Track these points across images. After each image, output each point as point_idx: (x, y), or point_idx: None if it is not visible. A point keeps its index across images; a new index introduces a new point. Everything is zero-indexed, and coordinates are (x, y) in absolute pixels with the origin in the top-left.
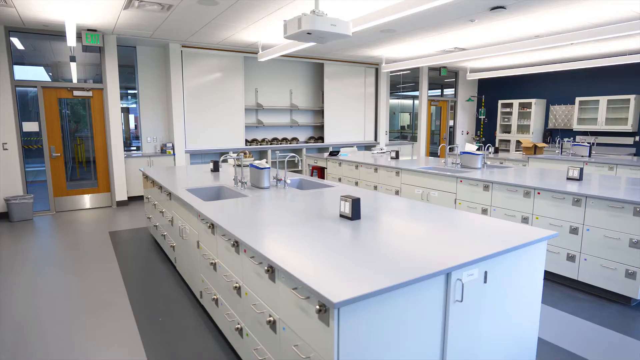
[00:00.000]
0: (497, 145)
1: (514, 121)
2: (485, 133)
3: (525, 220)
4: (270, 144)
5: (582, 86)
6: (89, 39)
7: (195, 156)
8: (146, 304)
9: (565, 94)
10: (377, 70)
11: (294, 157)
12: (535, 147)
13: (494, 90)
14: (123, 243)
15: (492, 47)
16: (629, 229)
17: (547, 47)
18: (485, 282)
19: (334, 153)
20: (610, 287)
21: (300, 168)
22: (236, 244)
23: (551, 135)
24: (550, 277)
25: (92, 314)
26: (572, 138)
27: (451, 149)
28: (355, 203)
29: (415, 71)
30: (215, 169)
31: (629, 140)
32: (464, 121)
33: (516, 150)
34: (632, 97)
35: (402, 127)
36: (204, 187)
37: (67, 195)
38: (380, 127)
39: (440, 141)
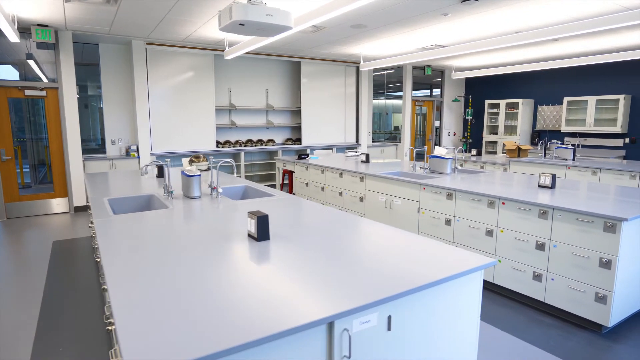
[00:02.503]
0: (484, 147)
1: (501, 122)
2: (473, 134)
3: (489, 233)
4: (245, 146)
5: (571, 86)
6: (39, 34)
7: (162, 159)
8: (52, 334)
9: (554, 94)
10: (358, 69)
11: (227, 162)
12: (519, 149)
13: (481, 90)
14: (62, 254)
15: (471, 43)
16: (598, 246)
17: (526, 42)
18: (389, 329)
19: (303, 156)
20: (579, 311)
21: (274, 172)
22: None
23: (539, 136)
24: (515, 298)
25: None
26: (560, 140)
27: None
28: (262, 221)
29: (402, 71)
30: (160, 174)
31: (619, 142)
32: (450, 122)
33: (502, 153)
34: (621, 97)
35: (396, 128)
36: (131, 197)
37: (21, 201)
38: (362, 129)
39: (425, 143)
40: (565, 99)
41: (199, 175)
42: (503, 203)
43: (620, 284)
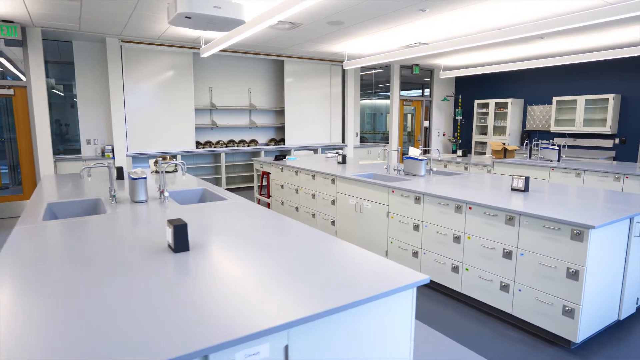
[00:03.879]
0: (473, 147)
1: (490, 122)
2: (463, 134)
3: (457, 239)
4: (226, 147)
5: (560, 85)
6: (4, 31)
7: (139, 160)
8: None
9: (544, 94)
10: (344, 69)
11: (174, 165)
12: (505, 150)
13: (471, 90)
14: None
15: (453, 40)
16: (566, 256)
17: (509, 39)
18: None
19: (281, 157)
20: (547, 325)
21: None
22: None
23: (529, 137)
24: (484, 309)
25: None
26: (550, 141)
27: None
28: (179, 231)
29: (391, 70)
30: (120, 176)
31: (609, 143)
32: (440, 122)
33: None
34: (610, 96)
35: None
36: (76, 201)
37: None
38: (348, 129)
39: (414, 144)
40: (555, 99)
41: (145, 178)
42: (470, 208)
43: (588, 296)
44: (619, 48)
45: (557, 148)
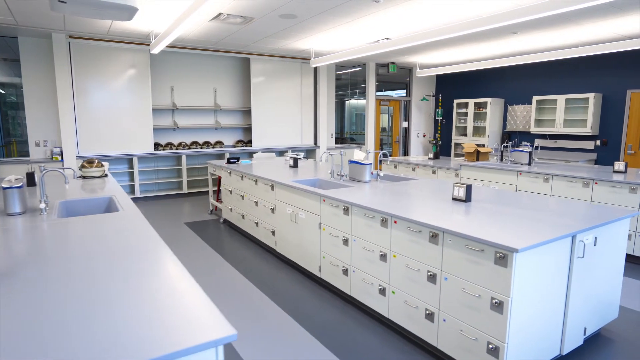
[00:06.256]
0: (452, 149)
1: (470, 122)
2: (443, 135)
3: (383, 257)
4: (189, 148)
5: (540, 84)
6: None
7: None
8: None
9: (524, 93)
10: (316, 68)
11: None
12: (478, 152)
13: (451, 89)
14: None
15: (417, 34)
16: (490, 283)
17: (474, 30)
18: None
19: (233, 160)
20: None
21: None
22: None
23: (509, 138)
24: (412, 338)
25: None
26: (531, 142)
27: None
28: None
29: (366, 69)
30: (31, 183)
31: (590, 145)
32: (419, 123)
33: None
34: (591, 95)
35: (382, 129)
36: None
37: None
38: (321, 130)
39: (392, 145)
40: (535, 98)
41: (20, 186)
42: (395, 222)
43: (516, 332)
44: (597, 44)
45: (528, 151)
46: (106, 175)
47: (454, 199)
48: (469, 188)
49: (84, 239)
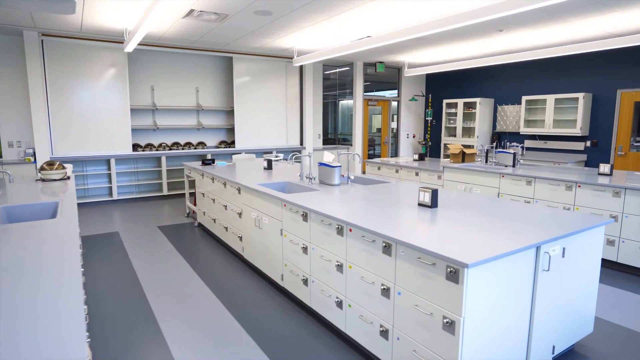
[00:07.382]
0: (442, 150)
1: (459, 123)
2: (433, 136)
3: (339, 268)
4: (169, 149)
5: (529, 83)
6: None
7: (67, 164)
8: None
9: (514, 93)
10: (302, 68)
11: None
12: (464, 153)
13: (440, 89)
14: None
15: (399, 30)
16: (442, 301)
17: (455, 26)
18: None
19: (208, 162)
20: None
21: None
22: None
23: (499, 139)
24: (368, 354)
25: None
26: (520, 143)
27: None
28: None
29: (353, 68)
30: None
31: (580, 146)
32: (409, 123)
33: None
34: (580, 95)
35: (377, 130)
36: None
37: None
38: (307, 131)
39: (381, 146)
40: (524, 98)
41: None
42: (350, 230)
43: (468, 355)
44: (586, 42)
45: (512, 152)
46: (68, 178)
47: (419, 204)
48: (434, 193)
49: None
